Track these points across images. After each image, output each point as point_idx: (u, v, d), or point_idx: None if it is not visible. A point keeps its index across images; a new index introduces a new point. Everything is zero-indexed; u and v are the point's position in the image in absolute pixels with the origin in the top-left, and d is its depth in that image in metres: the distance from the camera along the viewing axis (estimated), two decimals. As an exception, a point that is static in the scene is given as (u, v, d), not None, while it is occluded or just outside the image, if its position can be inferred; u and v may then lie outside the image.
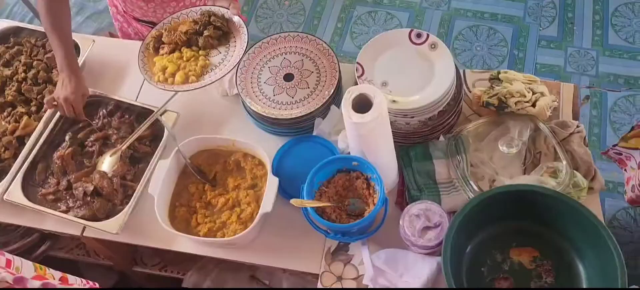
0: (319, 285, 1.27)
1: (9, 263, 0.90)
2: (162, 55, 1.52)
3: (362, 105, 1.19)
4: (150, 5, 1.64)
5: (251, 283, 1.62)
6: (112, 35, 2.73)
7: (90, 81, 1.60)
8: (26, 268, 0.95)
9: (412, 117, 1.32)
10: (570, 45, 2.58)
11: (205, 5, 1.61)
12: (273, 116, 1.40)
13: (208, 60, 1.51)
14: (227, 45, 1.53)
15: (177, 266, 1.71)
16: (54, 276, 0.99)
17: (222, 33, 1.53)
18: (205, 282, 1.61)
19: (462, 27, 2.68)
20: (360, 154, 1.27)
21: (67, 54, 1.45)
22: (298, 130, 1.45)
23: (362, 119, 1.16)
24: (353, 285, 1.26)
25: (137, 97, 1.58)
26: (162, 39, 1.53)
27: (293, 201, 1.22)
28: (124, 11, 1.73)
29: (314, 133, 1.45)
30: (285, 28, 2.76)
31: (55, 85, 1.56)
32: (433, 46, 1.37)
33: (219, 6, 1.54)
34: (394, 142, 1.29)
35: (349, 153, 1.37)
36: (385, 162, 1.28)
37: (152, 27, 1.66)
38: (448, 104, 1.33)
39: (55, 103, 1.44)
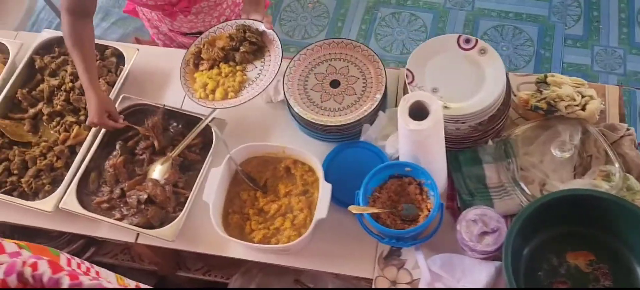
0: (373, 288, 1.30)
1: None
2: (202, 71, 1.55)
3: (417, 111, 1.21)
4: (199, 17, 1.66)
5: (295, 286, 1.64)
6: (138, 40, 2.76)
7: (135, 90, 1.62)
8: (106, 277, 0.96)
9: (463, 123, 1.33)
10: (597, 44, 2.59)
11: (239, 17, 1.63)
12: (322, 123, 1.42)
13: (245, 75, 1.53)
14: (263, 59, 1.55)
15: (220, 270, 1.73)
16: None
17: (257, 47, 1.55)
18: (251, 286, 1.63)
19: (487, 27, 2.69)
20: (413, 159, 1.28)
21: (86, 70, 1.44)
22: (345, 136, 1.47)
23: (419, 126, 1.18)
24: (407, 288, 1.28)
25: (182, 105, 1.60)
26: (201, 55, 1.55)
27: (351, 208, 1.24)
28: (169, 30, 1.74)
29: (361, 138, 1.46)
30: (310, 31, 2.78)
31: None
32: (482, 51, 1.38)
33: (253, 20, 1.56)
34: (445, 147, 1.31)
35: (397, 158, 1.39)
36: (437, 167, 1.30)
37: (196, 36, 1.69)
38: (498, 108, 1.35)
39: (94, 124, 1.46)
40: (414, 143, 1.23)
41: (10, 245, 0.69)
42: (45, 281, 0.65)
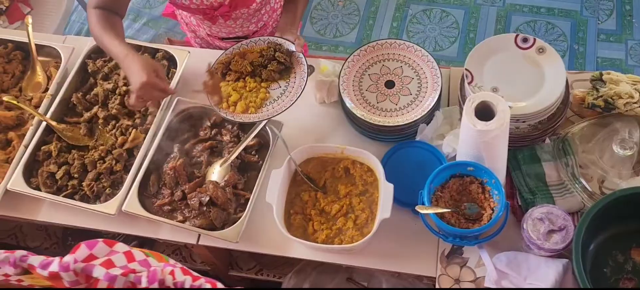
0: (437, 287, 1.31)
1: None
2: (228, 81, 1.55)
3: (481, 112, 1.22)
4: (238, 22, 1.67)
5: (348, 285, 1.66)
6: (170, 41, 2.79)
7: (188, 93, 1.64)
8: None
9: (523, 122, 1.34)
10: (630, 38, 2.59)
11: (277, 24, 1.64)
12: (380, 123, 1.44)
13: (268, 93, 1.52)
14: (288, 80, 1.54)
15: (272, 270, 1.75)
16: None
17: (285, 67, 1.54)
18: (304, 285, 1.65)
19: (520, 22, 2.69)
20: (475, 159, 1.29)
21: (122, 42, 1.38)
22: (402, 136, 1.48)
23: (486, 126, 1.19)
24: (471, 287, 1.29)
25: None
26: (230, 66, 1.56)
27: (418, 208, 1.26)
28: (208, 34, 1.76)
29: (417, 138, 1.48)
30: (341, 30, 2.79)
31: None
32: (541, 50, 1.39)
33: (286, 39, 1.55)
34: (505, 146, 1.32)
35: (454, 157, 1.41)
36: (499, 167, 1.31)
37: (237, 41, 1.71)
38: (557, 107, 1.36)
39: (141, 99, 1.33)
40: (479, 143, 1.24)
41: (138, 253, 0.71)
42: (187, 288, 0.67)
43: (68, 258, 0.67)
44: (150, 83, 1.29)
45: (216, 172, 1.47)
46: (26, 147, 1.54)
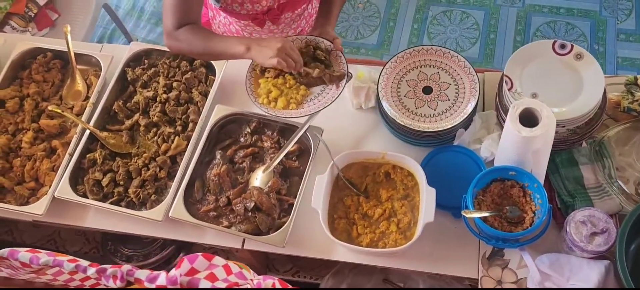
0: (479, 287, 1.35)
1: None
2: (267, 78, 1.56)
3: (524, 118, 1.25)
4: (279, 27, 1.71)
5: (385, 286, 1.70)
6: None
7: (226, 100, 1.68)
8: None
9: (563, 127, 1.37)
10: (650, 38, 2.62)
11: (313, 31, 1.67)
12: (420, 129, 1.47)
13: (309, 90, 1.54)
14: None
15: (309, 272, 1.79)
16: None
17: (325, 66, 1.56)
18: (342, 286, 1.68)
19: (540, 23, 2.72)
20: (517, 164, 1.33)
21: (239, 39, 1.47)
22: (440, 140, 1.52)
23: (531, 133, 1.22)
24: (513, 287, 1.33)
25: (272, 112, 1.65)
26: None
27: (464, 212, 1.29)
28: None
29: (455, 142, 1.51)
30: (362, 32, 2.82)
31: (196, 104, 1.64)
32: (578, 56, 1.42)
33: (324, 39, 1.58)
34: (545, 150, 1.35)
35: (493, 161, 1.44)
36: (540, 171, 1.34)
37: None
38: (595, 112, 1.39)
39: (279, 60, 1.40)
40: (523, 149, 1.27)
41: (234, 266, 0.75)
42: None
43: (174, 272, 0.70)
44: (284, 47, 1.40)
45: (259, 178, 1.50)
46: (71, 155, 1.57)
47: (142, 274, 0.70)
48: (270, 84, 1.55)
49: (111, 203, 1.51)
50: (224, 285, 0.69)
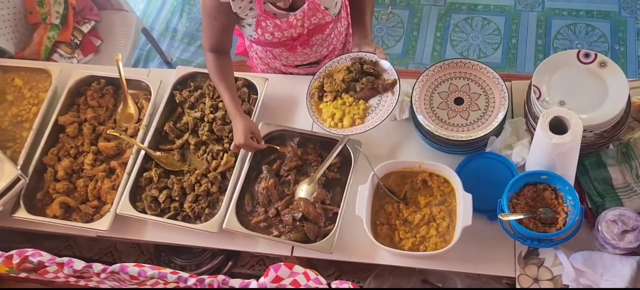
0: (517, 287, 1.44)
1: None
2: (327, 102, 1.71)
3: (554, 125, 1.34)
4: (313, 49, 1.81)
5: (424, 286, 1.79)
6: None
7: (269, 116, 1.79)
8: None
9: (590, 132, 1.46)
10: (670, 37, 2.67)
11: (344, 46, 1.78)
12: (454, 138, 1.57)
13: (368, 103, 1.69)
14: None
15: (351, 275, 1.89)
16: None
17: (374, 77, 1.69)
18: (384, 286, 1.79)
19: (560, 26, 2.79)
20: (548, 168, 1.41)
21: (232, 99, 1.64)
22: (473, 148, 1.61)
23: (561, 139, 1.31)
24: (550, 285, 1.42)
25: (312, 127, 1.76)
26: (324, 88, 1.71)
27: (501, 215, 1.39)
28: (283, 64, 1.90)
29: (487, 149, 1.60)
30: (387, 42, 2.92)
31: (242, 123, 1.76)
32: (602, 64, 1.50)
33: (365, 52, 1.71)
34: (573, 154, 1.44)
35: (524, 166, 1.53)
36: (570, 174, 1.43)
37: (310, 66, 1.87)
38: (621, 116, 1.47)
39: (237, 149, 1.64)
40: (553, 154, 1.36)
41: (311, 273, 0.86)
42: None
43: (263, 280, 0.82)
44: (245, 144, 1.60)
45: (304, 190, 1.61)
46: (129, 174, 1.70)
47: (236, 282, 0.81)
48: (331, 108, 1.69)
49: (168, 217, 1.64)
50: (307, 290, 0.80)
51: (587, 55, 1.52)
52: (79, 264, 0.87)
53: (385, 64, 1.70)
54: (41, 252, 0.90)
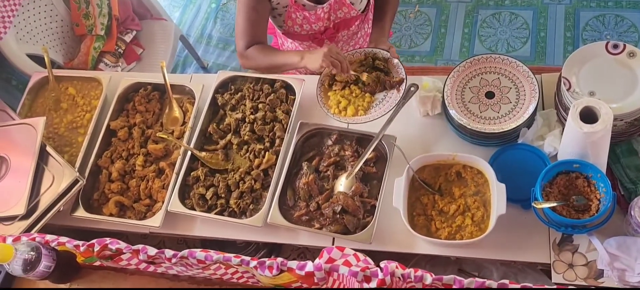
0: (552, 273, 1.49)
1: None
2: (335, 91, 1.81)
3: (585, 114, 1.39)
4: (339, 44, 1.90)
5: (461, 275, 1.85)
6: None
7: (306, 116, 1.88)
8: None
9: (621, 120, 1.50)
10: (703, 24, 2.66)
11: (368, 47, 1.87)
12: (487, 131, 1.63)
13: (373, 97, 1.80)
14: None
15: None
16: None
17: (384, 73, 1.80)
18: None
19: (589, 17, 2.80)
20: (580, 157, 1.46)
21: (290, 54, 1.76)
22: (505, 140, 1.67)
23: (592, 128, 1.36)
24: (585, 270, 1.47)
25: (348, 125, 1.84)
26: (335, 77, 1.81)
27: (534, 203, 1.44)
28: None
29: (519, 140, 1.66)
30: (415, 40, 2.98)
31: (281, 122, 1.85)
32: (631, 54, 1.54)
33: (380, 49, 1.80)
34: (605, 143, 1.48)
35: (556, 155, 1.58)
36: (602, 162, 1.48)
37: None
38: (651, 104, 1.51)
39: (325, 63, 1.69)
40: (585, 143, 1.41)
41: (360, 255, 0.94)
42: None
43: (318, 261, 0.90)
44: (332, 50, 1.68)
45: (343, 184, 1.69)
46: (178, 174, 1.81)
47: (293, 264, 0.90)
48: (338, 96, 1.79)
49: (216, 213, 1.74)
50: (358, 269, 0.88)
51: (615, 46, 1.56)
52: (152, 251, 0.98)
53: (396, 62, 1.80)
54: (118, 241, 1.01)
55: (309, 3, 1.69)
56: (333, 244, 1.68)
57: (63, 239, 1.11)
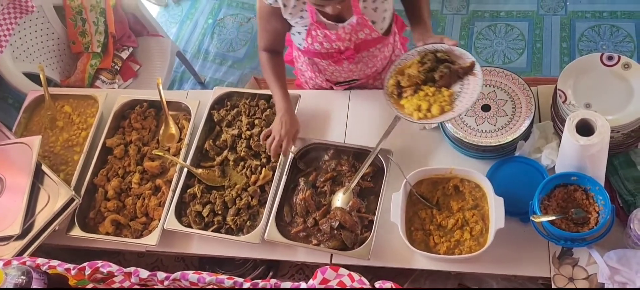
0: (553, 287, 1.47)
1: None
2: (407, 97, 1.63)
3: (581, 127, 1.39)
4: (358, 66, 1.87)
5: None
6: (256, 79, 3.05)
7: (303, 131, 1.87)
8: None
9: (618, 132, 1.49)
10: (696, 32, 2.67)
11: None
12: (483, 144, 1.62)
13: (450, 89, 1.60)
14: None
15: (387, 281, 1.94)
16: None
17: (451, 63, 1.62)
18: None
19: (584, 28, 2.81)
20: (577, 169, 1.46)
21: (284, 96, 1.76)
22: (502, 153, 1.66)
23: (589, 141, 1.36)
24: (585, 284, 1.45)
25: (344, 139, 1.84)
26: (401, 85, 1.65)
27: (533, 217, 1.43)
28: (326, 80, 1.97)
29: (516, 153, 1.65)
30: (412, 52, 2.98)
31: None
32: (626, 66, 1.54)
33: (431, 43, 1.65)
34: (603, 155, 1.47)
35: (554, 168, 1.57)
36: (600, 174, 1.47)
37: (350, 83, 1.94)
38: (648, 116, 1.50)
39: (268, 136, 1.73)
40: (582, 155, 1.40)
41: (355, 275, 0.93)
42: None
43: (312, 282, 0.89)
44: (286, 137, 1.70)
45: (340, 199, 1.68)
46: (174, 191, 1.80)
47: (287, 285, 0.89)
48: (415, 101, 1.62)
49: (213, 231, 1.73)
50: None
51: (610, 58, 1.56)
52: (144, 273, 0.97)
53: (457, 49, 1.64)
54: (110, 264, 0.99)
55: (330, 22, 1.66)
56: (331, 260, 1.67)
57: (54, 262, 1.10)
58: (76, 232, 1.79)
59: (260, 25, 1.75)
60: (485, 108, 1.69)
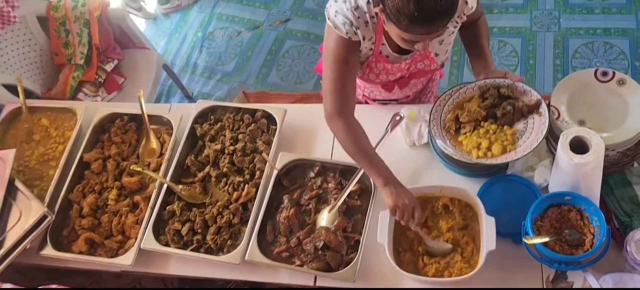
0: (546, 312, 1.40)
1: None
2: (466, 134, 1.58)
3: (575, 145, 1.33)
4: (404, 90, 1.79)
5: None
6: (245, 93, 2.99)
7: (288, 147, 1.81)
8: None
9: (613, 150, 1.44)
10: (691, 51, 2.63)
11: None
12: (473, 162, 1.55)
13: (513, 127, 1.54)
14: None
15: (376, 304, 1.86)
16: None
17: (514, 100, 1.56)
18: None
19: (577, 45, 2.78)
20: (571, 189, 1.40)
21: (385, 169, 1.50)
22: (494, 171, 1.60)
23: (583, 159, 1.30)
24: (580, 309, 1.38)
25: (331, 156, 1.77)
26: (460, 120, 1.60)
27: (525, 239, 1.37)
28: (363, 95, 1.88)
29: (508, 172, 1.59)
30: (403, 67, 2.93)
31: (261, 153, 1.77)
32: (621, 82, 1.49)
33: (493, 78, 1.59)
34: (597, 174, 1.41)
35: (546, 187, 1.51)
36: (594, 194, 1.41)
37: (387, 104, 1.86)
38: (644, 133, 1.45)
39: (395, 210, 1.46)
40: (576, 174, 1.34)
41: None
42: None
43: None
44: (414, 207, 1.44)
45: (325, 218, 1.61)
46: (152, 208, 1.73)
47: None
48: (474, 138, 1.56)
49: (192, 250, 1.65)
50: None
51: (605, 74, 1.51)
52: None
53: (521, 85, 1.56)
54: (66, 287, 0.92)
55: (394, 54, 1.55)
56: (315, 283, 1.59)
57: (7, 286, 1.01)
58: (48, 251, 1.71)
59: (333, 74, 1.46)
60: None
